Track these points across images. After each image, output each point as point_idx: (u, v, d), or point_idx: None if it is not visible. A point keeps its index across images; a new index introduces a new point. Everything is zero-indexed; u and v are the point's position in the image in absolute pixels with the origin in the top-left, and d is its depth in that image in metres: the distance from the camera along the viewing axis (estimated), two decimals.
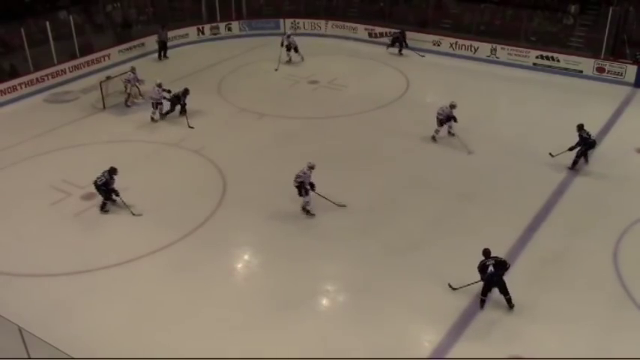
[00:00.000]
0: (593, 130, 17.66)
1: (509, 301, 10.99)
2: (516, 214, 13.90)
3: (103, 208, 14.17)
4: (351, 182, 15.33)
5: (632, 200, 14.46)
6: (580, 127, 15.55)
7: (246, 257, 13.34)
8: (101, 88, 19.75)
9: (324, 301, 11.82)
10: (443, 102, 20.71)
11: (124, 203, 14.11)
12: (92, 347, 10.21)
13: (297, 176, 13.77)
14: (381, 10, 27.29)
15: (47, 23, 21.72)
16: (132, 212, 13.98)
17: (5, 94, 20.51)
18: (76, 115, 19.50)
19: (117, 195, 14.10)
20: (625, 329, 10.77)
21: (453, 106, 16.91)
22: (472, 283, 11.18)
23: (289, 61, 23.44)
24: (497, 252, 12.44)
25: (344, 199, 14.56)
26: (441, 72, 23.11)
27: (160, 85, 18.66)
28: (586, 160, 15.80)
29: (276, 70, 22.72)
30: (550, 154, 15.74)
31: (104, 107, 19.71)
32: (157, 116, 18.77)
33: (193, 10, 27.64)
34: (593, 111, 19.21)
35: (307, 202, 13.94)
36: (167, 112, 18.91)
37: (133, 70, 20.11)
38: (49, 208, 14.37)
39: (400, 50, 24.56)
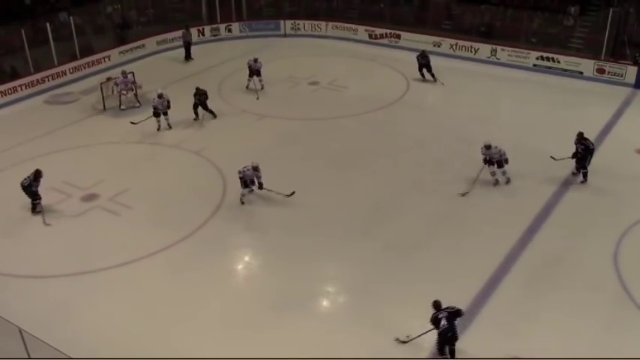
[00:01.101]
0: (593, 131, 17.72)
1: (452, 352, 9.93)
2: (517, 214, 13.90)
3: (34, 210, 14.05)
4: (351, 183, 15.33)
5: (632, 201, 14.45)
6: (581, 136, 15.01)
7: (246, 258, 13.34)
8: (101, 90, 19.75)
9: (324, 302, 11.83)
10: (442, 103, 20.79)
11: (41, 209, 13.98)
12: (92, 348, 10.20)
13: (239, 171, 14.22)
14: (381, 11, 27.30)
15: (47, 24, 21.73)
16: (44, 221, 13.79)
17: (5, 95, 20.51)
18: (77, 116, 19.51)
19: (37, 199, 13.93)
20: (625, 330, 10.76)
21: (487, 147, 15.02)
22: (423, 334, 10.14)
23: (248, 87, 20.94)
24: (498, 252, 12.52)
25: (344, 200, 14.58)
26: (442, 73, 23.02)
27: (160, 96, 17.84)
28: (577, 172, 15.27)
29: (257, 99, 20.46)
30: (552, 157, 15.53)
31: (104, 108, 19.71)
32: (164, 125, 18.07)
33: (193, 11, 27.65)
34: (593, 112, 19.23)
35: (243, 194, 14.37)
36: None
37: (123, 73, 19.76)
38: (50, 208, 14.36)
39: (425, 75, 21.95)
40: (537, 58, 22.94)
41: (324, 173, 15.82)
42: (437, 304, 9.97)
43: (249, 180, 14.27)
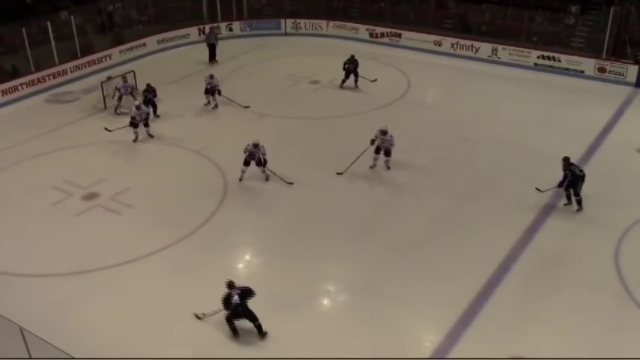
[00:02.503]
0: (594, 130, 17.74)
1: (259, 328, 10.42)
2: (517, 214, 13.89)
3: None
4: (351, 182, 15.33)
5: (632, 200, 14.44)
6: (567, 161, 13.77)
7: (247, 257, 13.34)
8: (102, 89, 19.76)
9: (325, 301, 11.83)
10: (443, 103, 20.79)
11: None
12: (93, 347, 10.21)
13: (244, 148, 15.02)
14: (381, 10, 27.30)
15: (48, 23, 21.73)
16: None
17: (6, 94, 20.53)
18: (77, 115, 19.52)
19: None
20: (626, 329, 10.75)
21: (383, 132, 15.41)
22: (215, 312, 10.54)
23: (208, 104, 19.80)
24: (498, 252, 12.53)
25: (344, 199, 14.58)
26: (442, 72, 23.10)
27: (139, 107, 17.34)
28: (569, 200, 14.16)
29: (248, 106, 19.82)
30: (537, 188, 14.30)
31: (105, 107, 19.72)
32: (144, 135, 17.40)
33: (194, 10, 27.65)
34: (594, 111, 19.24)
35: (243, 171, 15.19)
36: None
37: (123, 78, 19.46)
38: (50, 208, 14.39)
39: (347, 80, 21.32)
40: (538, 57, 22.93)
41: (325, 172, 15.80)
42: (230, 284, 10.57)
43: (250, 157, 14.97)
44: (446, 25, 25.74)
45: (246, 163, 15.10)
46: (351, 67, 21.13)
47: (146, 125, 17.59)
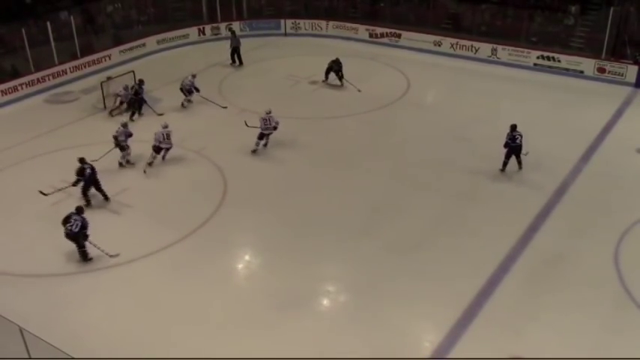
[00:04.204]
0: (594, 130, 17.74)
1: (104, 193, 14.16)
2: (517, 214, 13.89)
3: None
4: (351, 182, 15.34)
5: (632, 200, 14.45)
6: (511, 128, 15.30)
7: (246, 257, 13.35)
8: (102, 89, 19.76)
9: (325, 302, 11.82)
10: (443, 103, 20.80)
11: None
12: (92, 347, 10.22)
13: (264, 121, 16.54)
14: (381, 11, 27.30)
15: (48, 24, 21.73)
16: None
17: (6, 94, 20.53)
18: (77, 115, 19.52)
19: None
20: (626, 329, 10.76)
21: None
22: (72, 185, 14.10)
23: (188, 101, 20.00)
24: (498, 252, 12.54)
25: (344, 199, 14.58)
26: (442, 72, 23.11)
27: (125, 126, 16.39)
28: (519, 167, 15.52)
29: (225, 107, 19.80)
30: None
31: (105, 108, 19.71)
32: (124, 160, 16.24)
33: (194, 10, 27.63)
34: (593, 111, 19.25)
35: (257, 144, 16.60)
36: (132, 114, 19.01)
37: (125, 87, 19.14)
38: (50, 208, 14.36)
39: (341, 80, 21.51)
40: (538, 58, 22.94)
41: (325, 172, 15.82)
42: (81, 160, 14.03)
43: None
44: (445, 26, 25.74)
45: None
46: (334, 67, 21.27)
47: (126, 148, 16.22)
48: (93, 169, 14.16)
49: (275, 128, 16.69)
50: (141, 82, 19.49)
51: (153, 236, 13.27)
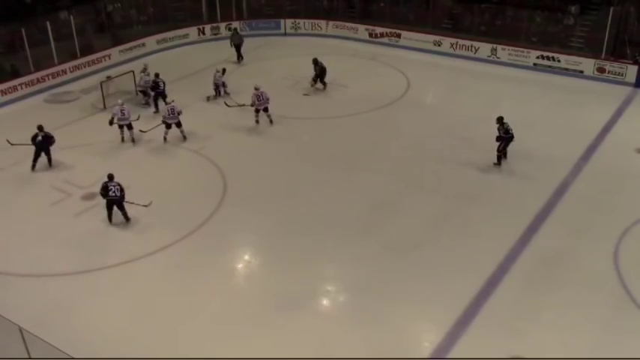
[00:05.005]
0: (593, 130, 17.73)
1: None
2: (517, 214, 13.89)
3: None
4: (351, 182, 15.34)
5: (632, 200, 14.45)
6: (499, 121, 15.66)
7: (246, 257, 13.35)
8: (101, 89, 19.77)
9: (325, 301, 11.82)
10: (443, 103, 20.78)
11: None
12: (92, 347, 10.21)
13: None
14: (381, 11, 27.29)
15: (48, 23, 21.74)
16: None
17: (6, 94, 20.55)
18: (77, 115, 19.52)
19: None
20: (626, 329, 10.75)
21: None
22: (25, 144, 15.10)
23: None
24: (498, 252, 12.54)
25: (344, 199, 14.58)
26: (442, 72, 23.11)
27: (122, 105, 17.32)
28: (504, 156, 15.94)
29: (208, 99, 20.47)
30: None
31: (104, 107, 19.69)
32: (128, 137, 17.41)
33: (194, 10, 27.65)
34: (593, 111, 19.26)
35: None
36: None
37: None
38: (50, 208, 14.38)
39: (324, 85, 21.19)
40: (538, 58, 22.95)
41: (324, 172, 15.82)
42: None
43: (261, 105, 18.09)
44: (445, 25, 25.74)
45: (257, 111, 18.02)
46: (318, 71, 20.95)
47: (129, 127, 17.39)
48: (46, 137, 15.85)
49: (268, 100, 18.10)
50: (157, 75, 19.63)
51: (152, 236, 13.28)
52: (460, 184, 15.24)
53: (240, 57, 24.30)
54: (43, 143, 15.87)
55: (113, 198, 13.44)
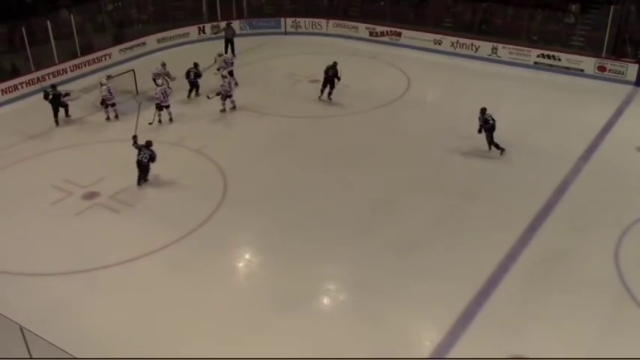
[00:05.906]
0: (594, 128, 17.74)
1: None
2: (517, 213, 13.88)
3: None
4: (351, 181, 15.33)
5: (633, 199, 14.44)
6: (481, 112, 16.21)
7: (246, 257, 13.34)
8: (102, 88, 19.71)
9: (325, 301, 11.82)
10: (443, 101, 20.78)
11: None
12: (93, 347, 10.21)
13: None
14: (381, 9, 27.28)
15: (48, 22, 21.73)
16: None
17: (6, 93, 20.52)
18: (77, 114, 19.49)
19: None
20: (626, 329, 10.75)
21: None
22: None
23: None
24: (498, 252, 12.55)
25: (344, 199, 14.58)
26: (442, 71, 23.11)
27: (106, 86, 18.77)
28: (490, 147, 16.34)
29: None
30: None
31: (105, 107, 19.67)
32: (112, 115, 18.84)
33: (194, 9, 27.65)
34: (594, 110, 19.26)
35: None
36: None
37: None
38: (50, 207, 14.39)
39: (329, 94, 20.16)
40: (538, 56, 22.94)
41: (325, 171, 15.81)
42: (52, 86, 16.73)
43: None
44: (446, 24, 25.72)
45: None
46: (330, 72, 19.95)
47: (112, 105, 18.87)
48: (56, 95, 18.24)
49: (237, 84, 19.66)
50: (196, 65, 20.24)
51: (153, 235, 13.26)
52: (460, 183, 15.24)
53: (232, 51, 24.13)
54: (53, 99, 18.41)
55: (141, 161, 14.73)
